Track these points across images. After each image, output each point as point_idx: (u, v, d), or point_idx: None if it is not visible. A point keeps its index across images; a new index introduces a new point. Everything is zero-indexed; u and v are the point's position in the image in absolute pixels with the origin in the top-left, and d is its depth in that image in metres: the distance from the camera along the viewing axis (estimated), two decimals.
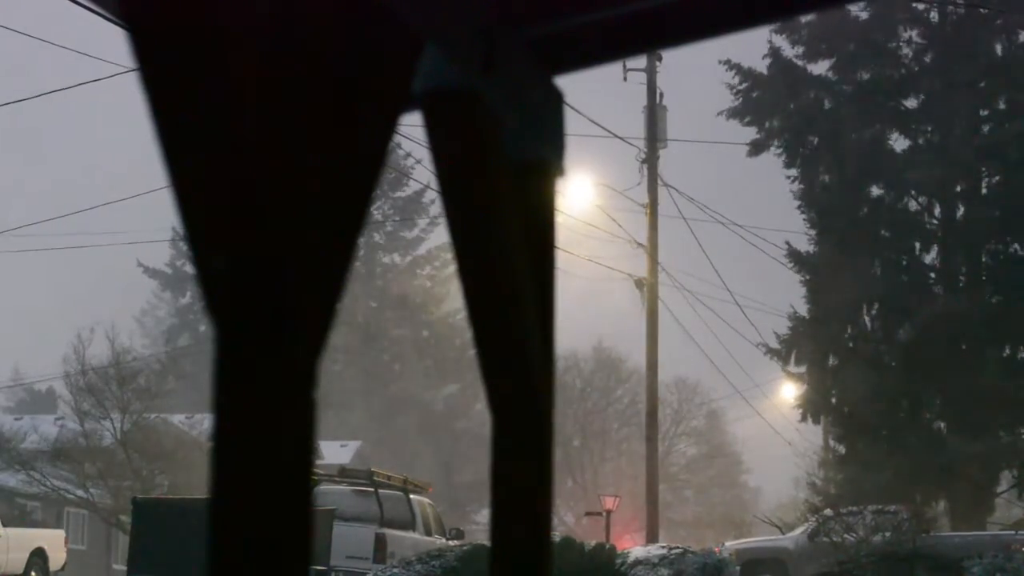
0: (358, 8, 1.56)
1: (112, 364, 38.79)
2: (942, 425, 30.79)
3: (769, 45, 31.98)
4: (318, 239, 1.39)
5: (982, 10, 29.30)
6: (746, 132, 33.08)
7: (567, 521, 54.44)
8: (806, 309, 32.05)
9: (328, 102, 1.46)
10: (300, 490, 1.32)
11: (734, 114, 32.72)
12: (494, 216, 1.93)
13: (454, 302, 58.38)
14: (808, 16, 30.68)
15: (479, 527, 44.20)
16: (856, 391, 30.24)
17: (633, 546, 21.11)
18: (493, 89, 1.87)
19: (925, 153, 30.86)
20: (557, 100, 2.19)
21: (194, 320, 64.93)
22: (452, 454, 57.21)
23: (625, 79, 27.75)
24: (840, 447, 33.69)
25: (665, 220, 28.03)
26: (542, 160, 2.14)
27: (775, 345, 32.42)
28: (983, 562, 16.40)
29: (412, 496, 22.66)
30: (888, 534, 20.15)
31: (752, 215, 37.97)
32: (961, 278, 31.16)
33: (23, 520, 36.00)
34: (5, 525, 27.17)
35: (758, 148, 32.97)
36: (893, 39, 31.35)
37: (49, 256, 73.86)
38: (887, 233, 30.97)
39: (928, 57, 31.61)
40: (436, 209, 51.85)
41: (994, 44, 30.83)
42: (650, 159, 27.94)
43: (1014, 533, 22.72)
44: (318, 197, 1.39)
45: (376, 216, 60.73)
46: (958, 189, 31.39)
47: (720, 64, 32.26)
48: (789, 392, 37.29)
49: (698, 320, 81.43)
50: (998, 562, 16.41)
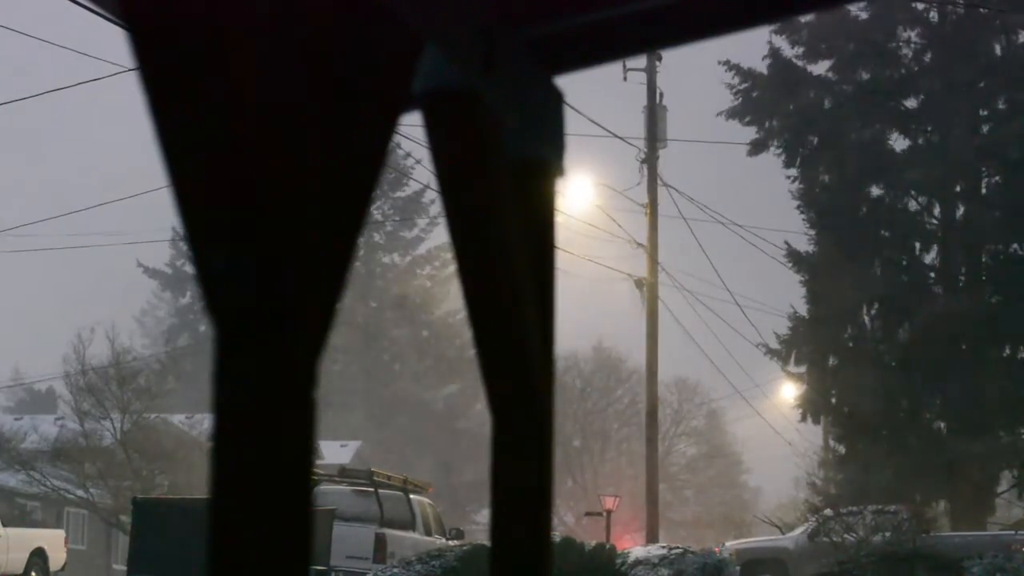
0: (358, 8, 1.56)
1: (112, 364, 38.81)
2: (942, 425, 30.79)
3: (769, 46, 31.99)
4: (318, 239, 1.39)
5: (982, 10, 29.30)
6: (746, 132, 33.09)
7: (567, 521, 54.43)
8: (806, 309, 32.05)
9: (328, 102, 1.46)
10: (300, 490, 1.32)
11: (734, 114, 32.72)
12: (494, 216, 1.93)
13: (454, 302, 58.37)
14: (808, 16, 30.68)
15: (479, 527, 44.20)
16: (856, 391, 30.24)
17: (633, 546, 21.12)
18: (493, 89, 1.87)
19: (925, 153, 30.86)
20: (557, 100, 2.19)
21: (194, 320, 64.93)
22: (452, 454, 57.20)
23: (625, 79, 27.78)
24: (840, 447, 33.69)
25: (665, 220, 28.06)
26: (542, 160, 2.14)
27: (775, 345, 32.42)
28: (983, 562, 16.40)
29: (412, 496, 22.66)
30: (888, 534, 20.15)
31: (752, 215, 37.99)
32: (961, 278, 31.16)
33: (23, 520, 35.99)
34: (5, 525, 27.17)
35: (758, 148, 32.97)
36: (893, 39, 31.34)
37: (49, 256, 73.88)
38: (887, 233, 30.97)
39: (928, 57, 31.61)
40: (436, 209, 51.82)
41: (994, 44, 30.83)
42: (650, 159, 27.94)
43: (1014, 533, 22.72)
44: (318, 197, 1.39)
45: (376, 216, 60.72)
46: (958, 189, 31.39)
47: (720, 65, 32.28)
48: (789, 392, 37.28)
49: (698, 320, 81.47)
50: (998, 562, 16.40)
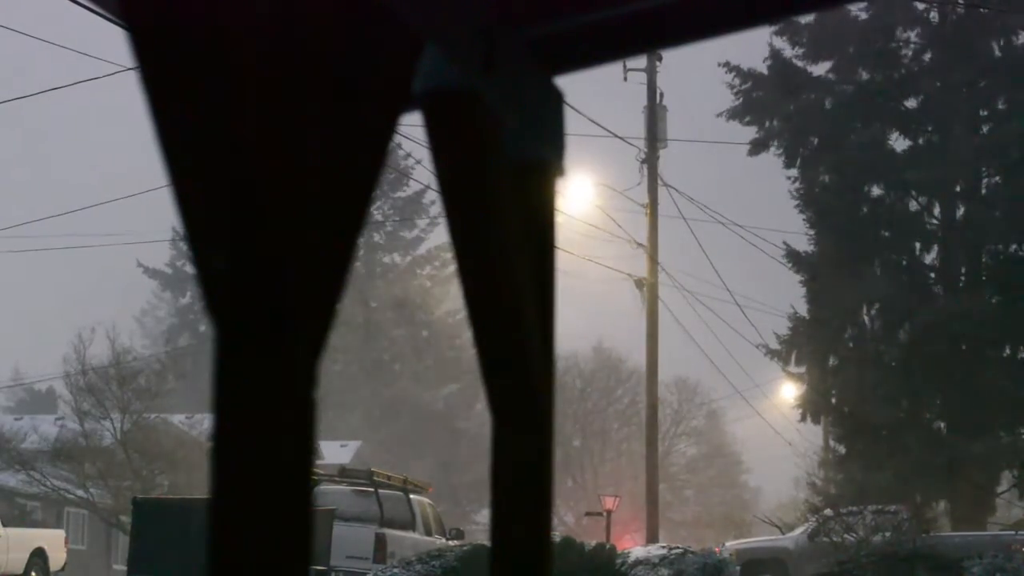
0: (358, 8, 1.56)
1: (112, 364, 38.82)
2: (942, 425, 30.78)
3: (770, 47, 32.00)
4: (318, 239, 1.39)
5: (982, 10, 29.30)
6: (746, 132, 33.11)
7: (567, 521, 54.43)
8: (806, 309, 32.05)
9: (328, 102, 1.46)
10: (300, 490, 1.32)
11: (734, 114, 32.74)
12: (494, 216, 1.93)
13: (454, 302, 58.38)
14: (808, 17, 30.69)
15: (479, 527, 44.20)
16: (856, 391, 30.25)
17: (633, 546, 21.12)
18: (493, 89, 1.87)
19: (925, 153, 30.86)
20: (557, 100, 2.19)
21: (194, 320, 64.95)
22: (452, 454, 57.19)
23: (625, 79, 27.78)
24: (840, 447, 33.68)
25: (665, 220, 28.06)
26: (542, 160, 2.13)
27: (775, 345, 32.43)
28: (983, 562, 16.40)
29: (412, 496, 22.66)
30: (888, 534, 20.14)
31: (752, 215, 37.99)
32: (961, 278, 31.16)
33: (23, 520, 36.00)
34: (5, 525, 27.17)
35: (758, 148, 32.97)
36: (893, 39, 31.35)
37: (49, 256, 73.87)
38: (887, 233, 30.97)
39: (928, 57, 31.61)
40: (436, 209, 51.83)
41: (994, 44, 30.83)
42: (650, 159, 27.93)
43: (1014, 533, 22.72)
44: (318, 197, 1.39)
45: (376, 216, 60.73)
46: (958, 189, 31.39)
47: (720, 67, 32.29)
48: (789, 392, 37.27)
49: (698, 320, 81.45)
50: (998, 562, 16.40)
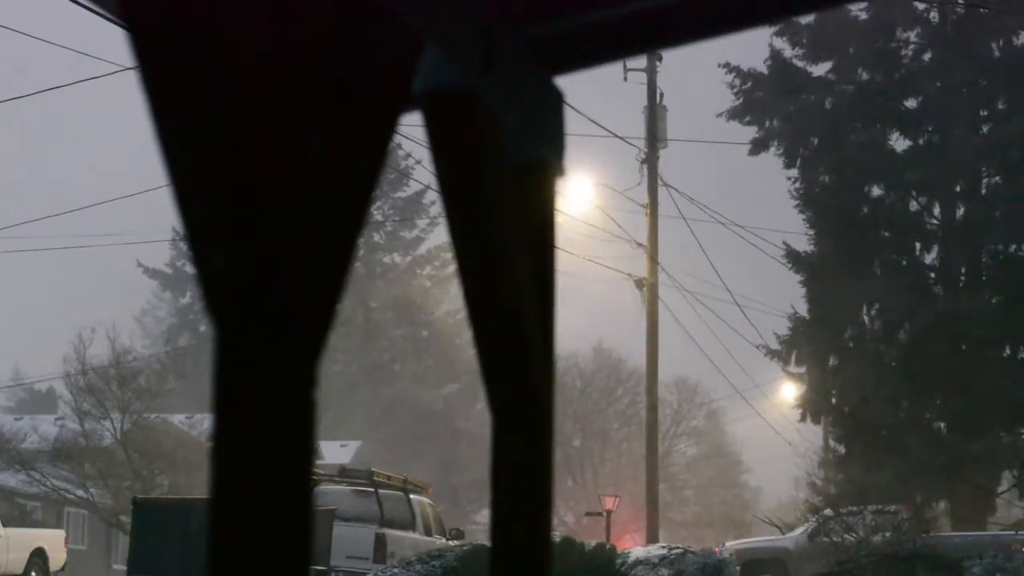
0: (358, 8, 1.56)
1: (112, 364, 38.82)
2: (942, 425, 30.78)
3: (770, 48, 31.99)
4: (318, 239, 1.39)
5: (982, 10, 29.30)
6: (746, 132, 33.11)
7: (567, 521, 54.43)
8: (806, 309, 32.05)
9: (328, 102, 1.46)
10: (300, 490, 1.32)
11: (734, 114, 32.73)
12: (494, 216, 1.93)
13: (454, 302, 58.39)
14: (808, 18, 30.68)
15: (479, 527, 44.20)
16: (856, 391, 30.24)
17: (633, 546, 21.12)
18: (493, 89, 1.87)
19: (925, 153, 30.85)
20: (557, 100, 2.19)
21: (194, 320, 64.96)
22: (452, 454, 57.19)
23: (625, 79, 27.78)
24: (840, 447, 33.68)
25: (665, 220, 28.06)
26: (542, 160, 2.13)
27: (775, 346, 32.42)
28: (983, 562, 16.40)
29: (412, 496, 22.66)
30: (888, 534, 20.14)
31: (752, 215, 37.95)
32: (961, 278, 31.15)
33: (23, 520, 36.01)
34: (5, 525, 27.17)
35: (758, 147, 32.97)
36: (893, 40, 31.34)
37: (49, 256, 73.88)
38: (887, 233, 30.97)
39: (928, 57, 31.61)
40: (436, 209, 51.83)
41: (993, 44, 30.82)
42: (650, 159, 27.93)
43: (1014, 533, 22.71)
44: (318, 197, 1.39)
45: (376, 216, 60.73)
46: (958, 189, 31.39)
47: (720, 67, 32.29)
48: (789, 392, 37.27)
49: (698, 320, 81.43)
50: (998, 562, 16.40)
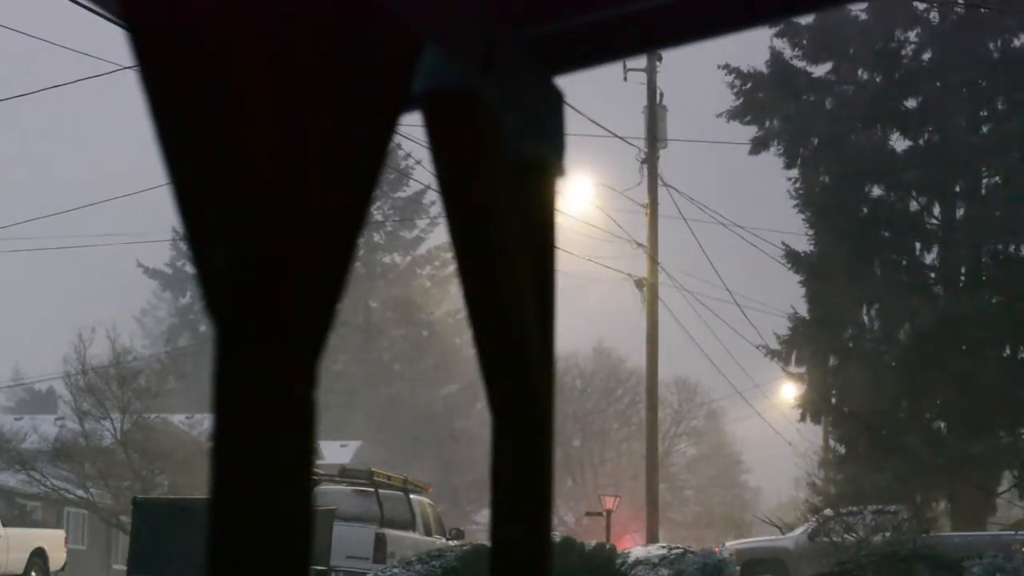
0: (358, 8, 1.57)
1: (112, 364, 38.82)
2: (942, 425, 30.79)
3: (771, 50, 31.99)
4: (318, 239, 1.39)
5: (982, 10, 29.30)
6: (746, 132, 33.12)
7: (567, 521, 54.43)
8: (806, 309, 32.05)
9: (328, 102, 1.46)
10: (300, 490, 1.32)
11: (734, 114, 32.74)
12: (494, 216, 1.93)
13: (454, 302, 58.39)
14: (808, 18, 30.68)
15: (479, 527, 44.19)
16: (856, 391, 30.25)
17: (633, 546, 21.12)
18: (493, 89, 1.87)
19: (925, 153, 30.85)
20: (557, 100, 2.19)
21: (194, 320, 64.96)
22: (452, 454, 57.19)
23: (625, 79, 27.78)
24: (840, 447, 33.68)
25: (665, 220, 28.06)
26: (542, 160, 2.13)
27: (775, 346, 32.42)
28: (983, 562, 16.40)
29: (412, 496, 22.66)
30: (888, 534, 20.14)
31: (752, 215, 37.97)
32: (961, 278, 31.15)
33: (23, 520, 36.01)
34: (5, 525, 27.18)
35: (758, 147, 32.97)
36: (893, 40, 31.34)
37: (49, 256, 73.88)
38: (887, 233, 30.97)
39: (928, 57, 31.61)
40: (436, 209, 51.84)
41: (994, 44, 30.83)
42: (650, 159, 27.93)
43: (1014, 533, 22.72)
44: (318, 197, 1.39)
45: (376, 216, 60.73)
46: (958, 189, 31.39)
47: (720, 69, 32.29)
48: (789, 392, 37.25)
49: (698, 320, 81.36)
50: (998, 562, 16.40)
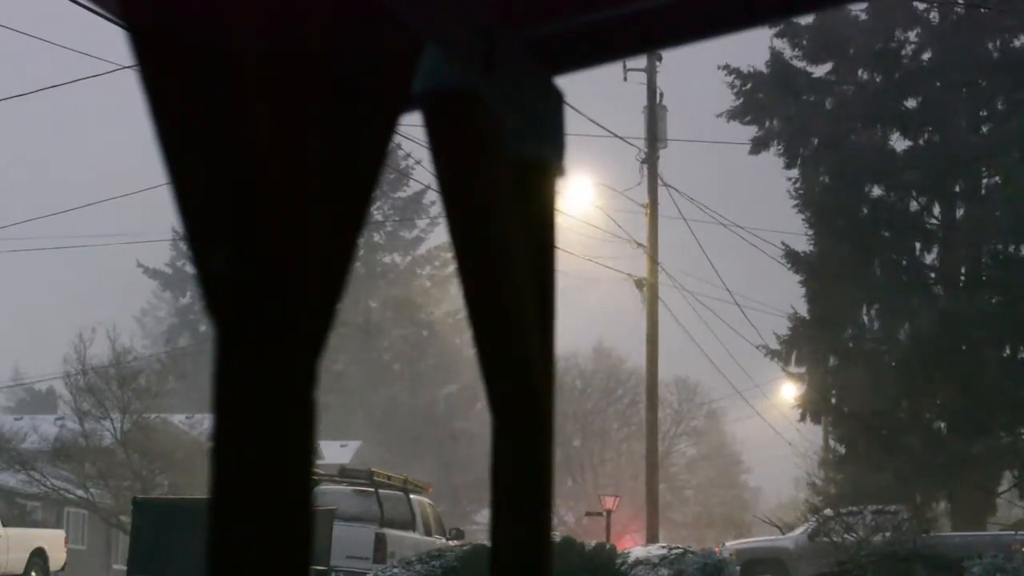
0: (358, 8, 1.57)
1: (112, 364, 38.82)
2: (942, 425, 30.78)
3: (771, 50, 31.99)
4: (318, 239, 1.39)
5: (982, 10, 29.30)
6: (746, 132, 33.12)
7: (567, 521, 54.43)
8: (806, 309, 32.05)
9: (328, 102, 1.46)
10: (300, 490, 1.32)
11: (734, 115, 32.74)
12: (494, 216, 1.93)
13: (454, 302, 58.38)
14: (808, 18, 30.69)
15: (479, 527, 44.19)
16: (856, 391, 30.25)
17: (633, 546, 21.13)
18: (493, 89, 1.87)
19: (925, 153, 30.85)
20: (557, 100, 2.19)
21: (194, 320, 64.96)
22: (452, 454, 57.19)
23: (625, 79, 27.78)
24: (840, 447, 33.68)
25: (665, 220, 28.07)
26: (542, 160, 2.13)
27: (775, 346, 32.42)
28: (983, 562, 16.40)
29: (412, 496, 22.67)
30: (888, 534, 20.14)
31: (752, 215, 37.98)
32: (961, 278, 31.15)
33: (23, 520, 36.01)
34: (5, 525, 27.18)
35: (759, 146, 32.97)
36: (893, 40, 31.35)
37: (49, 256, 73.88)
38: (887, 233, 30.97)
39: (928, 57, 31.61)
40: (436, 209, 51.84)
41: (994, 44, 30.82)
42: (650, 159, 27.93)
43: (1014, 533, 22.72)
44: (318, 197, 1.39)
45: (376, 216, 60.73)
46: (958, 189, 31.40)
47: (719, 69, 32.29)
48: (789, 392, 37.25)
49: (698, 320, 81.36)
50: (998, 562, 16.41)
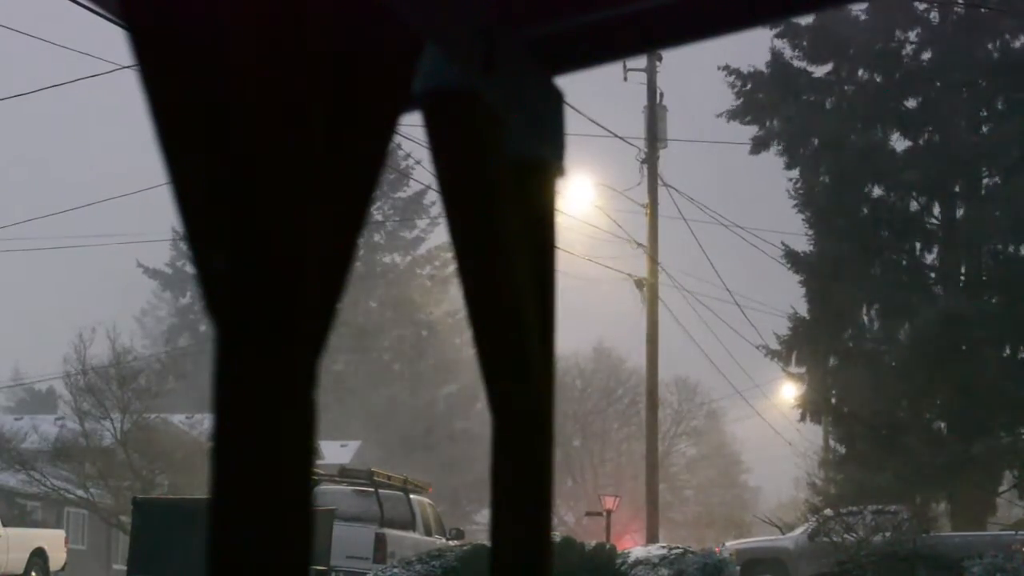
0: (358, 8, 1.56)
1: (112, 364, 38.82)
2: (942, 425, 30.78)
3: (771, 50, 31.99)
4: (318, 239, 1.39)
5: (982, 10, 29.29)
6: (746, 132, 33.11)
7: (567, 521, 54.43)
8: (806, 309, 32.04)
9: (328, 102, 1.46)
10: (300, 490, 1.32)
11: (734, 115, 32.73)
12: (494, 216, 1.93)
13: (454, 302, 58.37)
14: (808, 18, 30.68)
15: (479, 527, 44.20)
16: (856, 391, 30.24)
17: (633, 546, 21.12)
18: (493, 89, 1.87)
19: (925, 153, 30.85)
20: (557, 100, 2.19)
21: (194, 320, 64.94)
22: (452, 454, 57.19)
23: (625, 79, 27.78)
24: (840, 447, 33.68)
25: (665, 220, 28.07)
26: (542, 160, 2.13)
27: (775, 346, 32.41)
28: (983, 562, 16.40)
29: (412, 496, 22.66)
30: (888, 534, 20.14)
31: (752, 215, 37.99)
32: (961, 278, 31.15)
33: (23, 520, 36.01)
34: (5, 525, 27.18)
35: (759, 146, 32.96)
36: (893, 40, 31.34)
37: (49, 256, 73.89)
38: (887, 233, 30.96)
39: (928, 57, 31.60)
40: (436, 209, 51.85)
41: (993, 45, 30.81)
42: (650, 159, 27.93)
43: (1014, 533, 22.72)
44: (318, 197, 1.39)
45: (376, 216, 60.71)
46: (958, 189, 31.39)
47: (719, 69, 32.29)
48: (789, 392, 37.25)
49: (698, 320, 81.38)
50: (998, 562, 16.41)
